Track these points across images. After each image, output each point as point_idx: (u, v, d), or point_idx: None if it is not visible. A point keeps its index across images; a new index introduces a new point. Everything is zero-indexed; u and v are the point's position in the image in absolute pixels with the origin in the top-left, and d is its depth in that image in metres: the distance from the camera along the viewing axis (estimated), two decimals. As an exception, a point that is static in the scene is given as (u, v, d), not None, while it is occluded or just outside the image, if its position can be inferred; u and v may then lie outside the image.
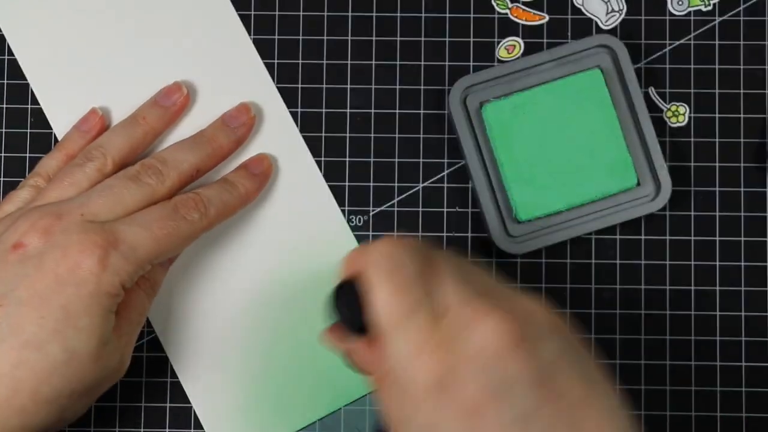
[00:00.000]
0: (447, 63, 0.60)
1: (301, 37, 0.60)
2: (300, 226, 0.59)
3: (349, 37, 0.60)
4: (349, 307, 0.45)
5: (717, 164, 0.59)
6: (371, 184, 0.59)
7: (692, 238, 0.59)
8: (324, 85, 0.59)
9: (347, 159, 0.59)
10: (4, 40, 0.60)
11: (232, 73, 0.59)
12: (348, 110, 0.59)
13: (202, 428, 0.58)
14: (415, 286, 0.43)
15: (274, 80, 0.59)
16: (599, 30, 0.60)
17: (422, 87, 0.59)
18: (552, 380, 0.41)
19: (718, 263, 0.58)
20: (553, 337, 0.43)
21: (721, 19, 0.60)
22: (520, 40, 0.60)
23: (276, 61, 0.60)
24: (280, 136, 0.59)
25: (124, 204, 0.52)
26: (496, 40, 0.60)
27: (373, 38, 0.60)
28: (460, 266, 0.45)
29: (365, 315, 0.44)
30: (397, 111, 0.59)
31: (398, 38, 0.60)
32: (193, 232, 0.53)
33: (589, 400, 0.42)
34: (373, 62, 0.60)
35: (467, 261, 0.47)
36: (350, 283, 0.45)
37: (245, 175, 0.57)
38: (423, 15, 0.60)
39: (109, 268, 0.50)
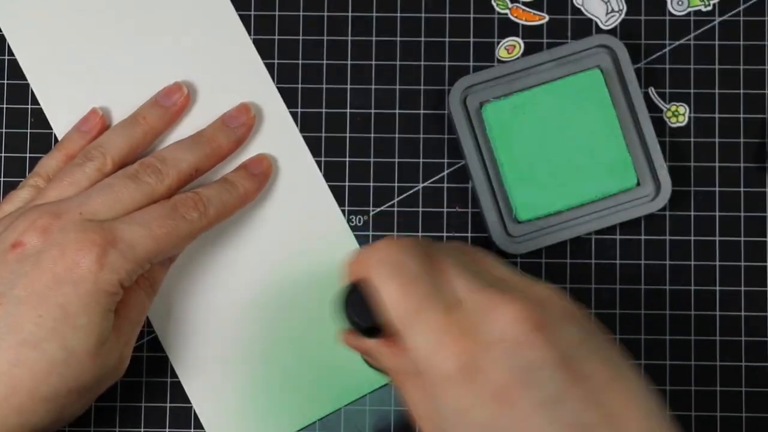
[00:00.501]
0: (447, 63, 0.60)
1: (301, 37, 0.60)
2: (300, 226, 0.59)
3: (349, 37, 0.60)
4: (358, 310, 0.45)
5: (717, 164, 0.59)
6: (371, 184, 0.59)
7: (692, 238, 0.59)
8: (324, 85, 0.59)
9: (347, 159, 0.59)
10: (4, 39, 0.60)
11: (232, 72, 0.59)
12: (348, 110, 0.59)
13: (202, 428, 0.57)
14: (423, 281, 0.44)
15: (274, 80, 0.59)
16: (599, 30, 0.60)
17: (422, 87, 0.59)
18: (576, 363, 0.42)
19: (718, 263, 0.58)
20: (572, 322, 0.43)
21: (721, 19, 0.60)
22: (520, 40, 0.60)
23: (276, 61, 0.60)
24: (280, 135, 0.59)
25: (123, 203, 0.52)
26: (496, 40, 0.60)
27: (373, 38, 0.60)
28: (465, 258, 0.45)
29: (376, 316, 0.45)
30: (397, 111, 0.59)
31: (398, 38, 0.60)
32: (192, 231, 0.53)
33: (615, 381, 0.42)
34: (373, 62, 0.60)
35: (472, 250, 0.47)
36: (355, 287, 0.45)
37: (245, 176, 0.57)
38: (423, 15, 0.60)
39: (108, 267, 0.50)
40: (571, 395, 0.41)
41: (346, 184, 0.59)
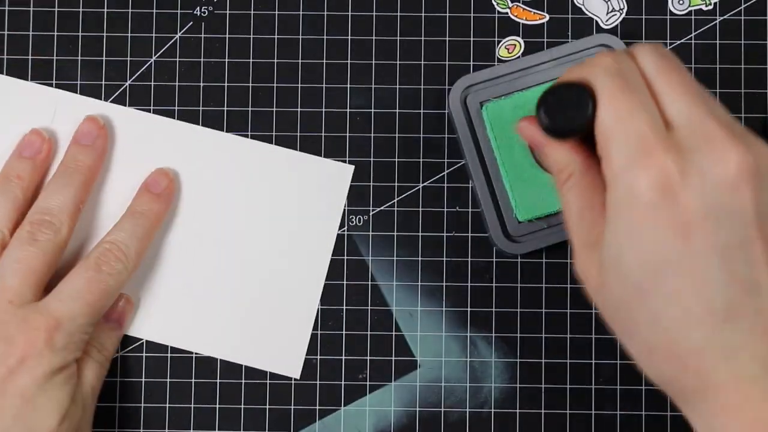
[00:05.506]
0: (447, 63, 0.59)
1: (301, 37, 0.60)
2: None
3: (349, 37, 0.60)
4: (549, 109, 0.45)
5: (718, 164, 0.59)
6: (371, 184, 0.59)
7: (693, 238, 0.58)
8: (324, 85, 0.59)
9: (347, 159, 0.59)
10: (4, 39, 0.60)
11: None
12: (348, 110, 0.59)
13: (201, 428, 0.57)
14: (641, 92, 0.42)
15: (274, 80, 0.59)
16: (600, 29, 0.60)
17: (422, 87, 0.59)
18: (767, 225, 0.41)
19: (718, 263, 0.58)
20: None
21: (721, 18, 0.59)
22: (520, 39, 0.60)
23: (276, 60, 0.60)
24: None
25: (36, 271, 0.53)
26: (496, 39, 0.60)
27: (373, 38, 0.60)
28: (691, 82, 0.43)
29: (566, 120, 0.44)
30: (397, 111, 0.59)
31: (398, 38, 0.60)
32: (121, 281, 0.54)
33: None
34: (373, 62, 0.60)
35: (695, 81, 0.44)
36: (557, 90, 0.45)
37: (150, 199, 0.57)
38: (423, 15, 0.60)
39: (56, 348, 0.52)
40: (751, 249, 0.40)
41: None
